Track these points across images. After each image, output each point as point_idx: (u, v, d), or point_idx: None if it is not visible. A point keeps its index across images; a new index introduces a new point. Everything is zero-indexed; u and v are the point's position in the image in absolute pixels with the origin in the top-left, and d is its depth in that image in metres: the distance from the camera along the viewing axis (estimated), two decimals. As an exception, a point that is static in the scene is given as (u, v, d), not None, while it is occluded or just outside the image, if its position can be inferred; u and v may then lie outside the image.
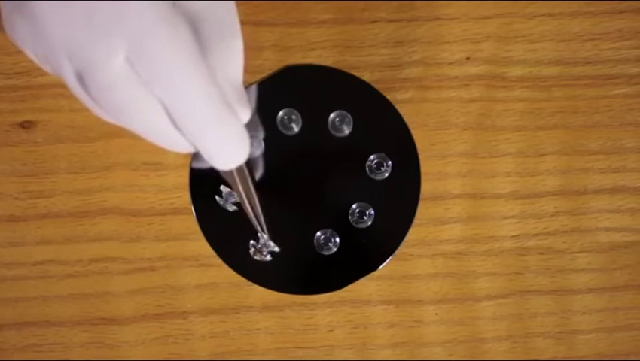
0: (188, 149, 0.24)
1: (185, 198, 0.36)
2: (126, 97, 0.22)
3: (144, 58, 0.21)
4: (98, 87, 0.22)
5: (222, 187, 0.33)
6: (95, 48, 0.21)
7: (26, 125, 0.39)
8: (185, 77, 0.22)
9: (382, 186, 0.33)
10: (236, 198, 0.33)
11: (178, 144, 0.24)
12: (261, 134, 0.33)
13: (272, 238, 0.33)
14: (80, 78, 0.22)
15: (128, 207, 0.39)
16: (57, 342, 0.40)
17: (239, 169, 0.28)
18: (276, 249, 0.33)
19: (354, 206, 0.33)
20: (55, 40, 0.21)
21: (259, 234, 0.32)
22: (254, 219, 0.31)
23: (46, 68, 0.24)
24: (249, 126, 0.25)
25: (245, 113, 0.25)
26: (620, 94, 0.40)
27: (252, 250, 0.33)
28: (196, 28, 0.22)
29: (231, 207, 0.33)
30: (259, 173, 0.33)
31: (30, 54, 0.23)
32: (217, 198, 0.33)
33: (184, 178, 0.33)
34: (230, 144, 0.24)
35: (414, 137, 0.33)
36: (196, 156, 0.32)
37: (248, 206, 0.30)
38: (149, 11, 0.21)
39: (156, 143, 0.24)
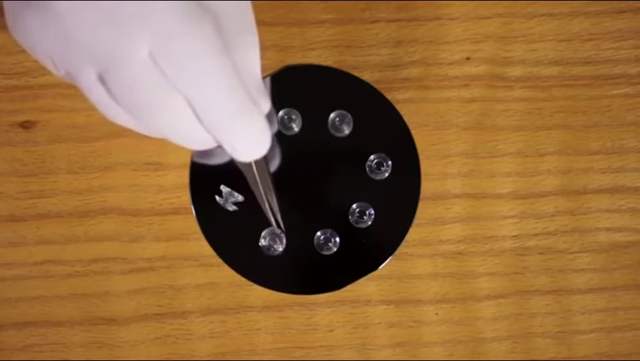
0: (209, 145, 0.24)
1: (185, 198, 0.36)
2: (149, 93, 0.22)
3: (169, 51, 0.21)
4: (121, 84, 0.22)
5: (222, 187, 0.33)
6: (119, 43, 0.21)
7: (26, 125, 0.39)
8: (210, 69, 0.22)
9: (382, 186, 0.33)
10: (236, 198, 0.32)
11: (199, 141, 0.24)
12: (275, 127, 0.33)
13: (275, 236, 0.32)
14: (101, 79, 0.22)
15: (128, 207, 0.39)
16: (57, 342, 0.40)
17: (258, 162, 0.28)
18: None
19: (354, 206, 0.33)
20: (76, 38, 0.21)
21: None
22: (270, 213, 0.31)
23: (50, 68, 0.23)
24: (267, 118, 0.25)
25: (266, 104, 0.25)
26: (620, 94, 0.40)
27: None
28: (216, 22, 0.22)
29: (231, 207, 0.33)
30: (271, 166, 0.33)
31: (36, 53, 0.23)
32: (217, 198, 0.33)
33: (184, 178, 0.33)
34: (253, 135, 0.24)
35: (414, 137, 0.33)
36: (198, 151, 0.32)
37: (264, 200, 0.30)
38: (173, 5, 0.21)
39: (176, 141, 0.24)
